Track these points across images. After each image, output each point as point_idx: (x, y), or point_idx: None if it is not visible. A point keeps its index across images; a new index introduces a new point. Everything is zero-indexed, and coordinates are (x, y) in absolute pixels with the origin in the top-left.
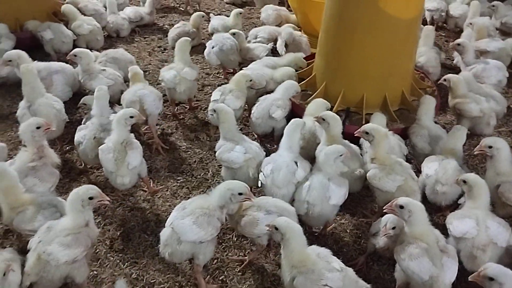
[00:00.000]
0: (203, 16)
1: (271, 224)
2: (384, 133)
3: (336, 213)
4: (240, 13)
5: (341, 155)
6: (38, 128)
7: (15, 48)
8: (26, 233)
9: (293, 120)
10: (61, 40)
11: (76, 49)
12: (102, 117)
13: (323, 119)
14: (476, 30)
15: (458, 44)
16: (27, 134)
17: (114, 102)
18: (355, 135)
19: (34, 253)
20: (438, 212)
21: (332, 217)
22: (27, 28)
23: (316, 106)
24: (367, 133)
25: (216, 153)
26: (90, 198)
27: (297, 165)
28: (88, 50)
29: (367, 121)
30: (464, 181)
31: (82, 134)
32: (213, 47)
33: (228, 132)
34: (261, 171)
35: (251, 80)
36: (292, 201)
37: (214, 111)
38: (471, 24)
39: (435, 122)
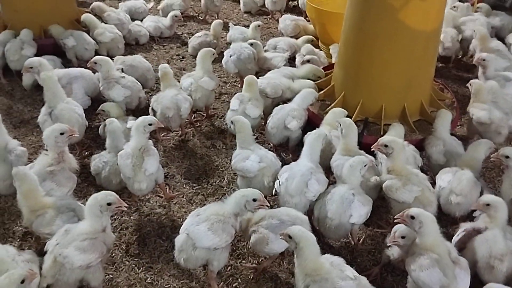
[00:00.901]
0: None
1: (285, 233)
2: (402, 145)
3: (358, 227)
4: (259, 26)
5: (365, 165)
6: (62, 134)
7: (38, 54)
8: (44, 236)
9: (316, 130)
10: (84, 47)
11: (96, 57)
12: (116, 148)
13: (339, 124)
14: (479, 38)
15: (484, 59)
16: (50, 139)
17: (132, 108)
18: (372, 149)
19: (51, 255)
20: (454, 224)
21: (356, 230)
22: (50, 34)
23: (334, 115)
24: (386, 146)
25: (232, 162)
26: (109, 204)
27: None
28: (108, 58)
29: (386, 132)
30: (488, 204)
31: (101, 161)
32: (231, 56)
33: (244, 142)
34: (278, 179)
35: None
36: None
37: (232, 122)
38: (474, 31)
39: (452, 134)
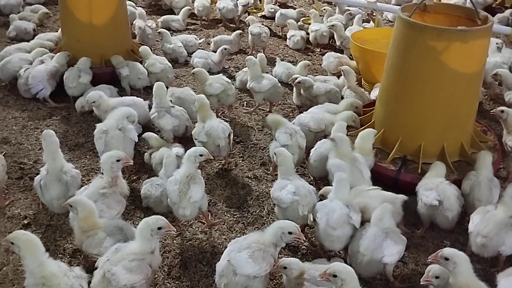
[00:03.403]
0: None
1: (327, 272)
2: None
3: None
4: (308, 65)
5: None
6: (118, 160)
7: (96, 82)
8: (93, 255)
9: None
10: (137, 76)
11: (156, 83)
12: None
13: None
14: None
15: None
16: (107, 164)
17: (179, 136)
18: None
19: (101, 270)
20: (493, 267)
21: (389, 269)
22: (111, 63)
23: (363, 138)
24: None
25: (271, 190)
26: (159, 228)
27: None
28: (163, 86)
29: (423, 170)
30: None
31: (153, 184)
32: None
33: (285, 173)
34: (314, 216)
35: None
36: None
37: (275, 154)
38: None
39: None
